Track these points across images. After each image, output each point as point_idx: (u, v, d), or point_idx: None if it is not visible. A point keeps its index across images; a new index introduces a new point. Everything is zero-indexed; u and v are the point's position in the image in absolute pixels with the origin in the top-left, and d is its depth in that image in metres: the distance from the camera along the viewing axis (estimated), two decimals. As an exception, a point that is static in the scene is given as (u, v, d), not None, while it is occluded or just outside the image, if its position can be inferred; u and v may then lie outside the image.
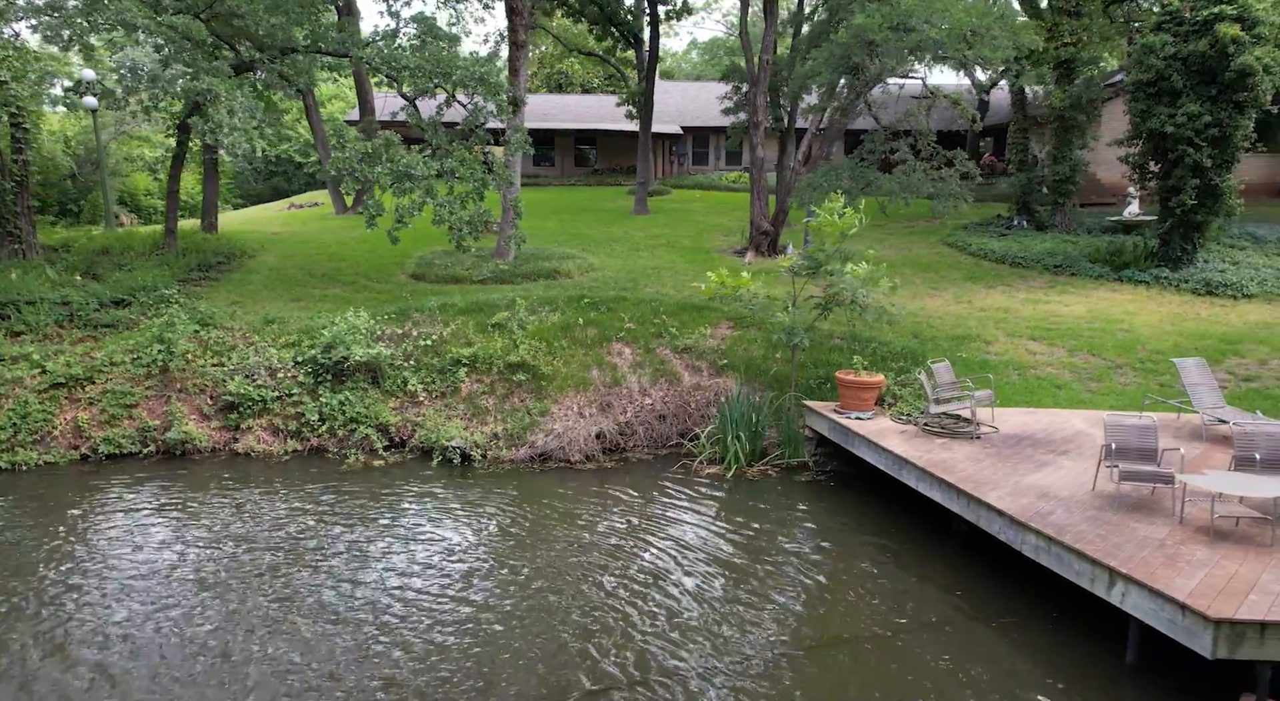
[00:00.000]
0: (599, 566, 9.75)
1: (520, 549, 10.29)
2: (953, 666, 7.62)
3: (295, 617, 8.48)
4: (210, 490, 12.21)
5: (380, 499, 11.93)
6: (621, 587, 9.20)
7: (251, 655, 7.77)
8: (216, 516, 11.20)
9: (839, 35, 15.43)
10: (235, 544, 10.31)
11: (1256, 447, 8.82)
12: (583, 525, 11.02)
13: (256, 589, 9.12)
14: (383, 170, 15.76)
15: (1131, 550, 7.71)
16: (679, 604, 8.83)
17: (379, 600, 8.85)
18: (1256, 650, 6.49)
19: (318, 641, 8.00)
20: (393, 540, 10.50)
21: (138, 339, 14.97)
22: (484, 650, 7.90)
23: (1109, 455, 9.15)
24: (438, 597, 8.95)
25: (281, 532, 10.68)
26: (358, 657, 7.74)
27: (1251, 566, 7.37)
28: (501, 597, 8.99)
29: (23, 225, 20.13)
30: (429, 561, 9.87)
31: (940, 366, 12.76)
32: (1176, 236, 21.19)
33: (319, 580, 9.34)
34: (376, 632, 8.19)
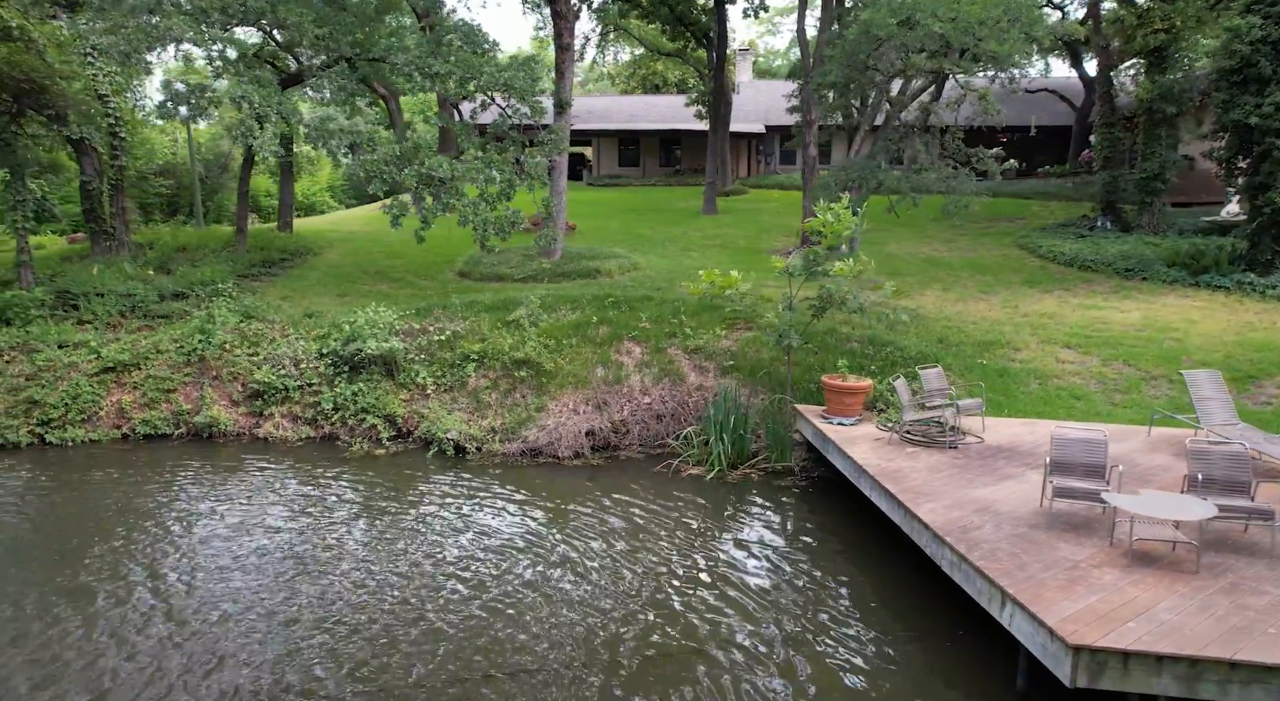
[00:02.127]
0: (508, 557, 9.93)
1: (427, 536, 10.58)
2: (834, 679, 7.38)
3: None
4: (219, 470, 13.14)
5: (342, 483, 12.51)
6: (512, 578, 9.35)
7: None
8: (201, 491, 12.07)
9: (850, 32, 14.95)
10: (185, 517, 11.09)
11: (1213, 467, 8.09)
12: (523, 519, 11.22)
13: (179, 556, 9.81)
14: (409, 173, 16.42)
15: (1036, 571, 7.25)
16: (533, 597, 8.90)
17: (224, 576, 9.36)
18: (1119, 681, 6.01)
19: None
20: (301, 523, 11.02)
21: (183, 329, 16.21)
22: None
23: (1051, 470, 8.59)
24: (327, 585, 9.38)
25: (230, 503, 11.40)
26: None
27: (1155, 593, 6.80)
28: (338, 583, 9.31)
29: (117, 225, 22.10)
30: (318, 546, 10.32)
31: (930, 373, 12.24)
32: (1267, 238, 19.41)
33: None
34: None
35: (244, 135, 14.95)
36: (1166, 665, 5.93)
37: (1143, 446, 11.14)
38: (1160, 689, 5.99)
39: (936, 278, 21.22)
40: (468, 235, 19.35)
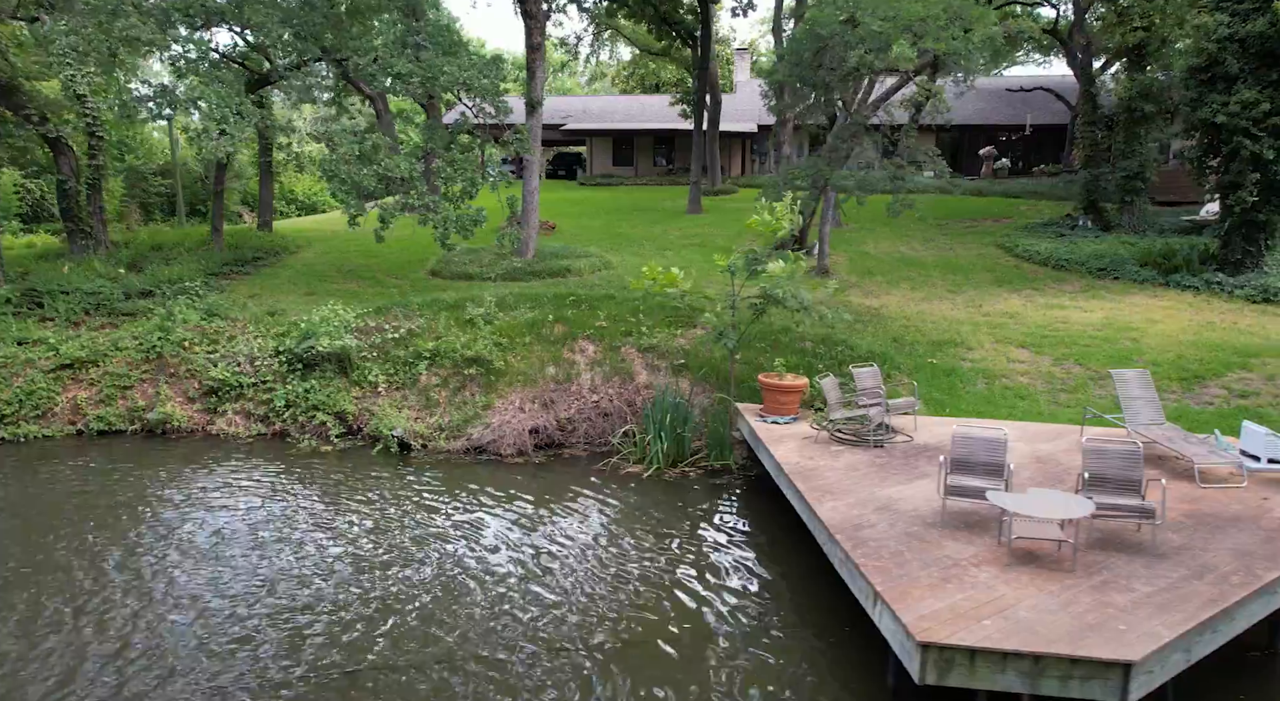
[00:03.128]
0: (405, 554, 10.00)
1: (332, 530, 10.66)
2: (711, 673, 7.39)
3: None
4: (156, 466, 13.30)
5: (276, 479, 12.62)
6: (419, 574, 9.42)
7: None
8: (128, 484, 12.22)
9: (798, 31, 14.92)
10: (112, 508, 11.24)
11: (1106, 466, 8.04)
12: (441, 515, 11.29)
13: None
14: (369, 173, 16.53)
15: (915, 569, 7.24)
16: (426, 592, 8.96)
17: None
18: (966, 677, 6.00)
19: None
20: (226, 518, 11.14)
21: (144, 327, 16.39)
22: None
23: (951, 468, 8.56)
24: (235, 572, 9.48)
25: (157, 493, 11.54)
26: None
27: (1023, 591, 6.77)
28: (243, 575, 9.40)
29: (95, 224, 22.37)
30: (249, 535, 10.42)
31: (863, 371, 12.21)
32: (1237, 237, 19.24)
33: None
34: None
35: (199, 136, 15.07)
36: (1011, 661, 5.91)
37: (1072, 446, 11.05)
38: (1005, 685, 5.98)
39: (907, 277, 21.15)
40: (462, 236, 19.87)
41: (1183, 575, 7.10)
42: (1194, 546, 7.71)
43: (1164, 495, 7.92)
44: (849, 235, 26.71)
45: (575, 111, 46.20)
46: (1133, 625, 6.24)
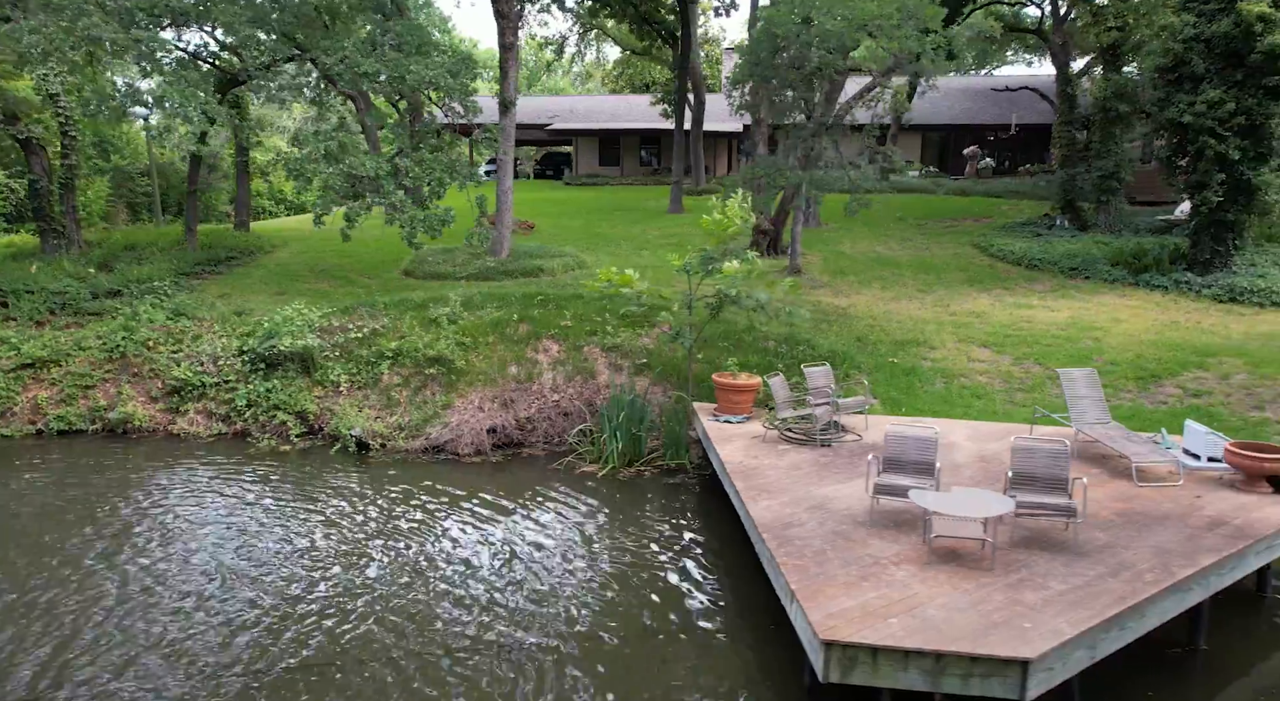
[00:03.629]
0: (356, 548, 10.01)
1: (271, 528, 10.68)
2: (634, 669, 7.41)
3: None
4: (111, 464, 13.31)
5: (228, 478, 12.63)
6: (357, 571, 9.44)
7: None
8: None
9: (755, 31, 14.93)
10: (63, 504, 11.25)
11: (1034, 464, 8.06)
12: (390, 514, 11.30)
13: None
14: (334, 171, 16.53)
15: (835, 568, 7.26)
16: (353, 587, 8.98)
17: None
18: (869, 675, 6.02)
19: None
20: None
21: (108, 326, 16.39)
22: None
23: (883, 467, 8.58)
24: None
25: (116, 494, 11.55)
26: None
27: (937, 589, 6.79)
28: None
29: (68, 223, 22.36)
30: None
31: (815, 370, 12.23)
32: (1206, 237, 19.29)
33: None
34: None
35: (160, 135, 15.06)
36: (913, 659, 5.93)
37: (1019, 445, 11.07)
38: (908, 683, 6.00)
39: (879, 276, 21.17)
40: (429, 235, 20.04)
41: (1099, 573, 7.12)
42: (1117, 544, 7.73)
43: (1084, 494, 7.94)
44: (827, 235, 26.77)
45: (563, 111, 46.23)
46: (1038, 623, 6.26)
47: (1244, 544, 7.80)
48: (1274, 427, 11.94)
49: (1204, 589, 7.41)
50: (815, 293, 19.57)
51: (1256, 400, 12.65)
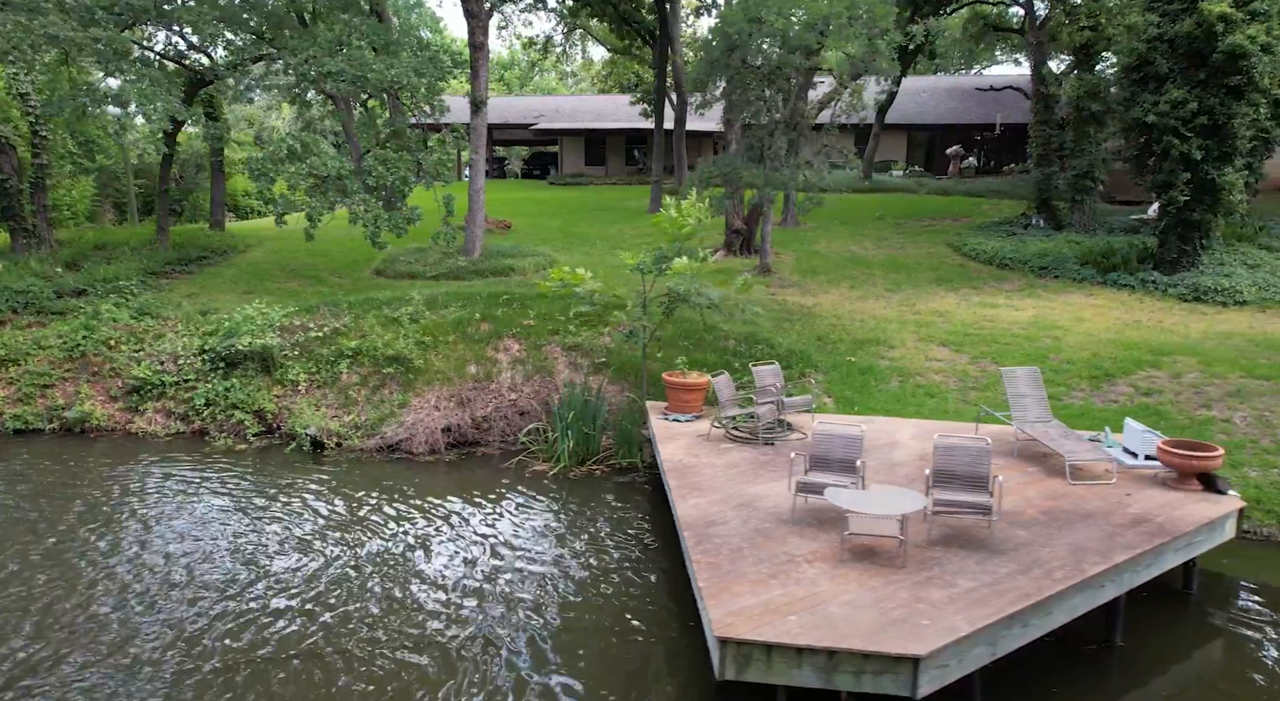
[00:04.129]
0: (272, 542, 10.03)
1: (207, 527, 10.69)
2: (550, 666, 7.42)
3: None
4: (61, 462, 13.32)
5: (177, 476, 12.64)
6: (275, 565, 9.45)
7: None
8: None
9: (711, 31, 14.95)
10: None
11: (955, 462, 8.08)
12: (333, 512, 11.31)
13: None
14: (298, 170, 16.54)
15: (748, 566, 7.27)
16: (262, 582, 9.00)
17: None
18: (764, 673, 6.03)
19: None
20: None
21: (69, 325, 16.39)
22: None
23: (810, 465, 8.59)
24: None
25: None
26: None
27: (844, 587, 6.81)
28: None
29: (38, 223, 22.36)
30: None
31: (763, 369, 12.25)
32: (1173, 237, 19.30)
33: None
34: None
35: (117, 132, 15.09)
36: (806, 657, 5.94)
37: (962, 443, 11.09)
38: (802, 680, 6.01)
39: (850, 275, 21.18)
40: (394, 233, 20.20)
41: (1010, 570, 7.14)
42: (1035, 542, 7.75)
43: (1000, 491, 7.95)
44: (804, 234, 26.77)
45: (549, 111, 46.24)
46: (936, 620, 6.27)
47: (1161, 541, 7.82)
48: (1219, 426, 11.96)
49: (1118, 586, 7.43)
50: (784, 291, 19.60)
51: (1205, 399, 12.67)
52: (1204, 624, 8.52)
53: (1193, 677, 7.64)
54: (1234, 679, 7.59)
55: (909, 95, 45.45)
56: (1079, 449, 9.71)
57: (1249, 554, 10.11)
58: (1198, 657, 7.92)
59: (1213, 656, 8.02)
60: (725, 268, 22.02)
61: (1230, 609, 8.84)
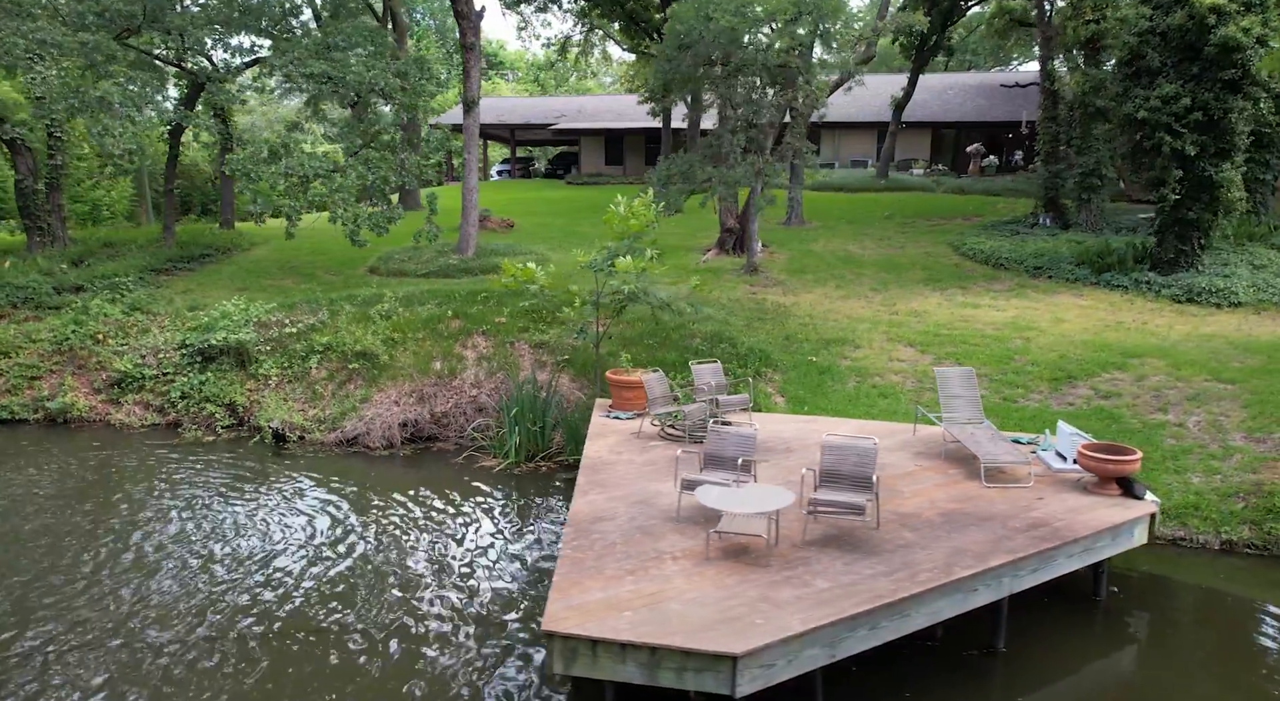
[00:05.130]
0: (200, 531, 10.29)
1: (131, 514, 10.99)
2: (423, 665, 7.53)
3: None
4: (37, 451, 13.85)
5: (133, 465, 13.03)
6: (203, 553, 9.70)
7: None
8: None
9: (666, 29, 14.88)
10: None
11: (842, 462, 7.98)
12: (266, 501, 11.57)
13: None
14: (276, 170, 16.93)
15: (612, 562, 7.29)
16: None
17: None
18: (591, 668, 6.05)
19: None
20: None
21: (60, 320, 17.01)
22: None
23: (705, 463, 8.57)
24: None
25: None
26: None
27: (698, 585, 6.79)
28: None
29: (53, 222, 23.19)
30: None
31: (703, 368, 12.22)
32: (1170, 236, 18.71)
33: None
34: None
35: (100, 134, 15.62)
36: (630, 653, 5.94)
37: (896, 444, 10.94)
38: (626, 676, 6.01)
39: (838, 275, 20.94)
40: (396, 232, 20.83)
41: (875, 572, 7.04)
42: (918, 544, 7.62)
43: (877, 490, 7.83)
44: (806, 233, 26.54)
45: (570, 111, 46.48)
46: (772, 619, 6.21)
47: (1050, 545, 7.63)
48: (1171, 430, 11.59)
49: (995, 590, 7.27)
50: (767, 290, 19.46)
51: (1163, 402, 12.28)
52: (1102, 631, 8.28)
53: (1075, 685, 7.43)
54: (1123, 687, 7.39)
55: (934, 92, 44.75)
56: (998, 452, 9.50)
57: (1184, 562, 9.82)
58: (1084, 664, 7.69)
59: (1102, 664, 7.77)
60: (714, 267, 21.98)
61: (1139, 617, 8.59)
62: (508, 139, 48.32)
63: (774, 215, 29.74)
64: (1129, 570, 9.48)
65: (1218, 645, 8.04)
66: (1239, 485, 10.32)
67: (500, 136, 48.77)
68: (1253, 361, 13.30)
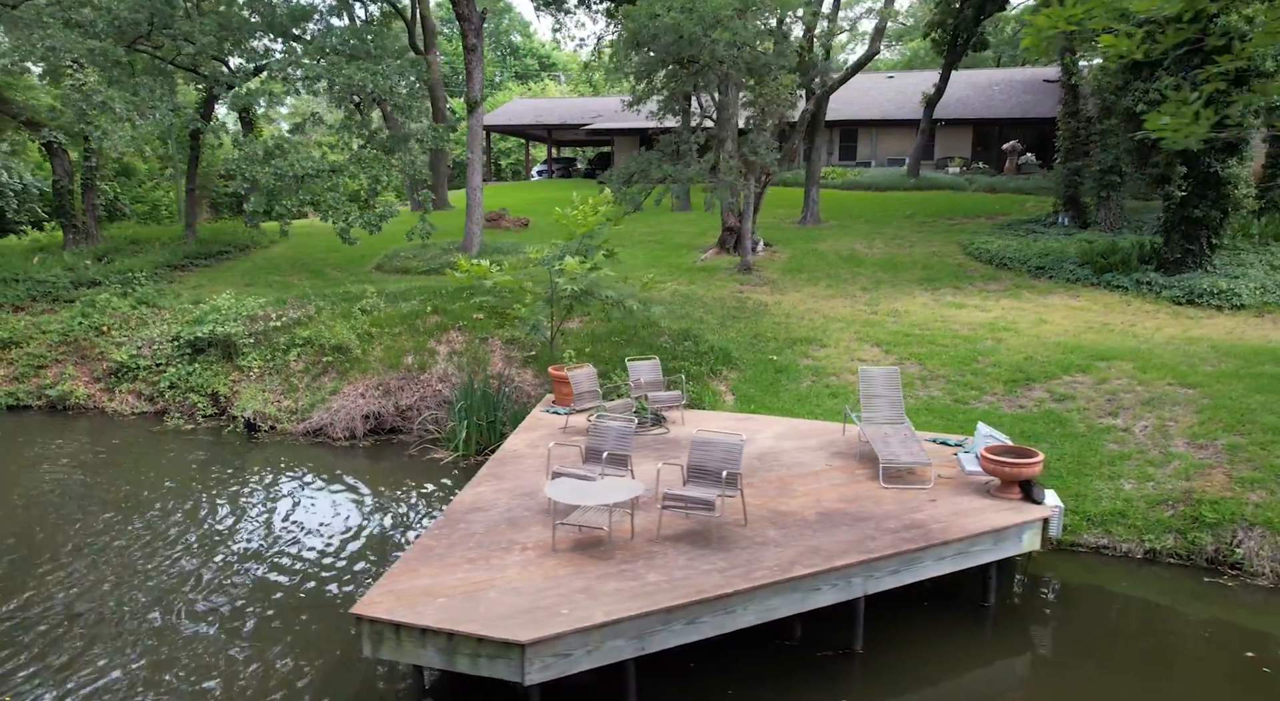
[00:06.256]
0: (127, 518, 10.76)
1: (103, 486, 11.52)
2: (268, 644, 7.80)
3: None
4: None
5: (100, 449, 13.69)
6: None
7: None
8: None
9: (625, 26, 14.90)
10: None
11: (708, 458, 7.96)
12: (213, 485, 12.04)
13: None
14: (268, 171, 17.57)
15: (463, 551, 7.43)
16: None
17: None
18: (396, 651, 6.20)
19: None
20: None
21: (69, 313, 17.97)
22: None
23: (586, 457, 8.64)
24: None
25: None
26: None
27: (527, 575, 6.88)
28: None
29: (87, 220, 24.46)
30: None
31: (641, 365, 12.27)
32: (1177, 235, 17.95)
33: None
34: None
35: (100, 138, 16.46)
36: (430, 638, 6.07)
37: (820, 444, 10.82)
38: (428, 660, 6.14)
39: (834, 274, 20.66)
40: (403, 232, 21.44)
41: (715, 567, 7.01)
42: (776, 542, 7.56)
43: (741, 486, 7.78)
44: (817, 232, 26.23)
45: (607, 111, 46.68)
46: (581, 609, 6.26)
47: (914, 547, 7.48)
48: (1115, 434, 11.14)
49: (842, 590, 7.17)
50: (754, 290, 19.33)
51: (1115, 406, 11.81)
52: (991, 638, 8.07)
53: (934, 691, 7.27)
54: (985, 695, 7.21)
55: (977, 89, 43.68)
56: (901, 452, 9.32)
57: (1106, 570, 9.47)
58: (944, 670, 7.50)
59: (966, 670, 7.57)
60: (711, 266, 21.92)
61: (1031, 624, 8.34)
62: (545, 138, 48.86)
63: (790, 214, 29.52)
64: (1044, 577, 9.21)
65: (1110, 655, 7.74)
66: (1170, 492, 9.89)
67: (539, 136, 49.34)
68: (1226, 365, 12.69)
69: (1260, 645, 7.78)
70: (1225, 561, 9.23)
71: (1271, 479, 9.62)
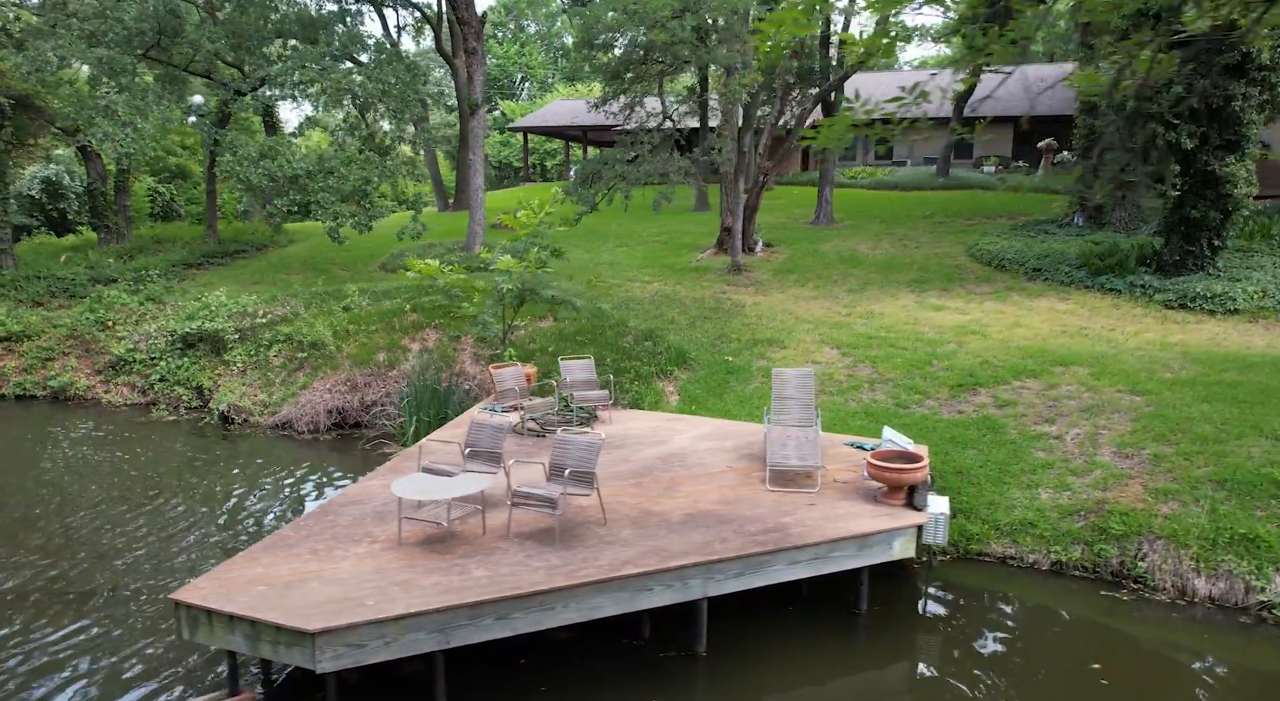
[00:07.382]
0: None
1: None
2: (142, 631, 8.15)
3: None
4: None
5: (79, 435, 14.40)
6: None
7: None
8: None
9: (577, 28, 14.97)
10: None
11: (567, 457, 8.03)
12: (165, 471, 12.57)
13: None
14: (260, 172, 18.23)
15: (312, 543, 7.67)
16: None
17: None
18: (209, 636, 6.45)
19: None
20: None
21: (78, 308, 18.95)
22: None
23: (468, 455, 8.79)
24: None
25: None
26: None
27: (358, 567, 7.07)
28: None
29: (119, 220, 25.70)
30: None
31: (574, 364, 12.38)
32: (1176, 236, 17.23)
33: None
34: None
35: (101, 140, 17.32)
36: (237, 624, 6.30)
37: (733, 445, 10.76)
38: (237, 646, 6.37)
39: (825, 276, 20.38)
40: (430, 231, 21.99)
41: (547, 565, 7.08)
42: (625, 541, 7.58)
43: (597, 487, 7.81)
44: (826, 232, 25.89)
45: (638, 112, 46.80)
46: (388, 601, 6.41)
47: (760, 550, 7.41)
48: (1045, 442, 10.76)
49: (678, 592, 7.16)
50: (738, 290, 19.21)
51: (1054, 413, 11.41)
52: (862, 644, 7.94)
53: (784, 694, 7.18)
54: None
55: (1021, 86, 42.33)
56: (791, 455, 9.21)
57: (1012, 581, 9.21)
58: (796, 674, 7.40)
59: (826, 675, 7.46)
60: (703, 266, 21.88)
61: (902, 633, 8.16)
62: (581, 139, 49.21)
63: (806, 214, 29.15)
64: (938, 587, 9.00)
65: (968, 667, 7.53)
66: (1084, 503, 9.54)
67: (575, 137, 49.72)
68: (1186, 372, 12.13)
69: (1110, 655, 7.49)
70: (1130, 574, 8.87)
71: (1186, 491, 9.19)
